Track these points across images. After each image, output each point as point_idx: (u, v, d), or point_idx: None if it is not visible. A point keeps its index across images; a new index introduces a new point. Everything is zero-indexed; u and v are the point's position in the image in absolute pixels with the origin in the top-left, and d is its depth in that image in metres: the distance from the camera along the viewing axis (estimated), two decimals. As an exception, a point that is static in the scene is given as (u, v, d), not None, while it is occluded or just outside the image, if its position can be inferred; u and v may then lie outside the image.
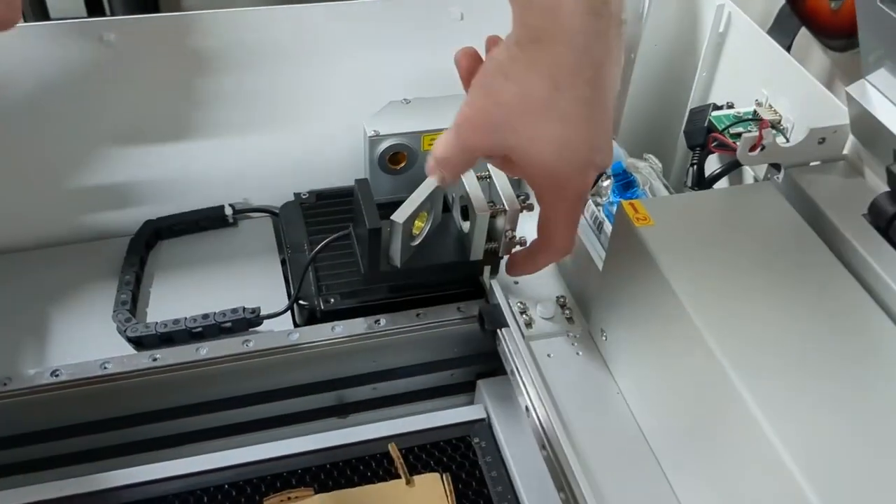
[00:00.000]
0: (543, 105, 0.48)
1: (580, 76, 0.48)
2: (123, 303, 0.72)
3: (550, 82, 0.48)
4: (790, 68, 0.69)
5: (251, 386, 0.68)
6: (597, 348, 0.65)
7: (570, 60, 0.47)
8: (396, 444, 0.65)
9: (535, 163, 0.51)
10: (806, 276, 0.53)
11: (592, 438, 0.58)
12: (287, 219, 0.79)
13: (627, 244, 0.57)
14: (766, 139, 0.59)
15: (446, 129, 0.55)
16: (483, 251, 0.67)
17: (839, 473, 0.42)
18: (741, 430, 0.46)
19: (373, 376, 0.70)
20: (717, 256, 0.54)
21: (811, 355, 0.48)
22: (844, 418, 0.45)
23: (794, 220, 0.57)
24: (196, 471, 0.62)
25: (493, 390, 0.69)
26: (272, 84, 0.79)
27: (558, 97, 0.48)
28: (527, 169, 0.53)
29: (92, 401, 0.63)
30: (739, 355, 0.47)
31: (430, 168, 0.55)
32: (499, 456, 0.65)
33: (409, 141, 0.74)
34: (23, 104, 0.73)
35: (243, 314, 0.70)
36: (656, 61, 0.85)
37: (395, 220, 0.63)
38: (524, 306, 0.67)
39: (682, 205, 0.59)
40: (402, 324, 0.68)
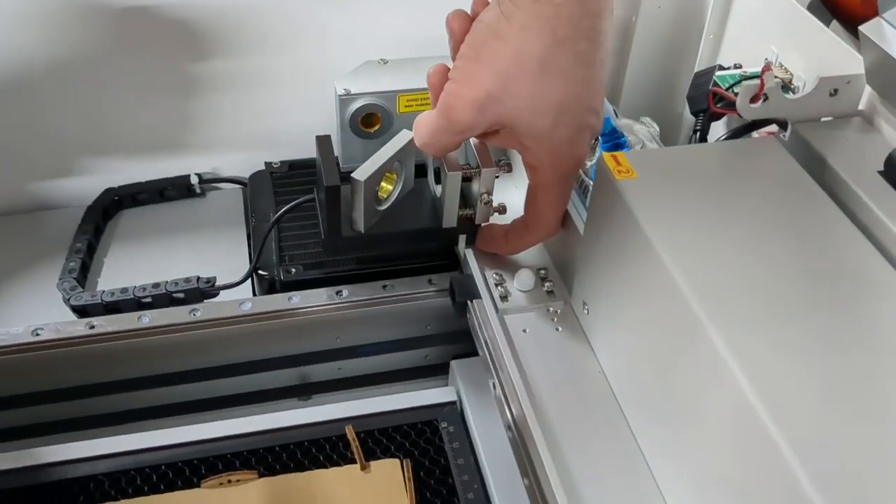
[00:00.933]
0: (542, 62, 0.46)
1: (579, 27, 0.46)
2: (70, 271, 0.67)
3: (550, 36, 0.45)
4: (803, 21, 0.63)
5: (201, 361, 0.62)
6: (579, 324, 0.58)
7: (570, 11, 0.45)
8: (357, 426, 0.59)
9: (533, 130, 0.49)
10: (807, 231, 0.46)
11: (565, 420, 0.51)
12: (255, 188, 0.74)
13: (607, 200, 0.50)
14: (768, 84, 0.52)
15: (429, 111, 0.51)
16: (457, 217, 0.61)
17: (809, 417, 0.37)
18: (723, 396, 0.39)
19: (336, 353, 0.64)
20: (705, 210, 0.47)
21: (803, 313, 0.41)
22: (831, 372, 0.38)
23: (798, 175, 0.50)
24: (129, 449, 0.56)
25: (467, 372, 0.62)
26: (243, 47, 0.74)
27: (558, 52, 0.46)
28: (523, 139, 0.50)
29: (22, 371, 0.58)
30: (720, 312, 0.41)
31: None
32: (468, 442, 0.59)
33: (383, 101, 0.68)
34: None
35: (197, 284, 0.64)
36: (659, 23, 0.78)
37: (356, 178, 0.57)
38: (500, 278, 0.61)
39: (670, 158, 0.53)
40: (366, 295, 0.62)
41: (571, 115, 0.48)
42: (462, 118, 0.49)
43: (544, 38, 0.45)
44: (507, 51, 0.46)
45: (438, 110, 0.50)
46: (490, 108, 0.48)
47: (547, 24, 0.45)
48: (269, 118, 0.78)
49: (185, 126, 0.77)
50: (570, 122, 0.48)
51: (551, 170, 0.52)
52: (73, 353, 0.58)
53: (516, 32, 0.46)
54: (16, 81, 0.71)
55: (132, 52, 0.72)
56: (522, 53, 0.46)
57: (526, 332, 0.58)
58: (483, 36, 0.47)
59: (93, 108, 0.74)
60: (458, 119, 0.49)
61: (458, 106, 0.49)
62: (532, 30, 0.45)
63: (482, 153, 0.59)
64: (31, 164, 0.75)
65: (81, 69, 0.72)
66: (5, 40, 0.68)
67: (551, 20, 0.45)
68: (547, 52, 0.45)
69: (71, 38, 0.70)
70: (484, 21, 0.48)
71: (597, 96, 0.49)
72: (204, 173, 0.78)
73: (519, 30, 0.45)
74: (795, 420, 0.36)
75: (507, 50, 0.46)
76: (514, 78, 0.47)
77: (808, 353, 0.39)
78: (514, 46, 0.46)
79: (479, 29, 0.48)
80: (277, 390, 0.65)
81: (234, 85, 0.76)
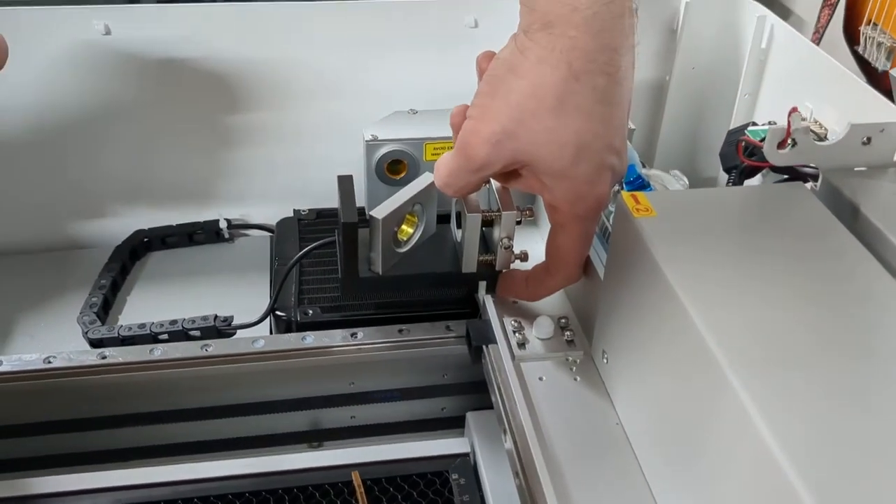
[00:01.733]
0: (558, 96, 0.45)
1: (596, 61, 0.45)
2: (92, 306, 0.67)
3: (566, 69, 0.44)
4: (836, 74, 0.62)
5: (211, 399, 0.61)
6: (598, 374, 0.56)
7: (586, 44, 0.44)
8: (364, 473, 0.57)
9: (551, 168, 0.47)
10: (837, 278, 0.44)
11: (577, 467, 0.48)
12: (282, 234, 0.74)
13: (625, 240, 0.49)
14: (794, 125, 0.50)
15: (448, 151, 0.51)
16: (476, 262, 0.60)
17: (836, 472, 0.33)
18: (747, 451, 0.36)
19: (350, 398, 0.63)
20: (729, 252, 0.45)
21: (834, 365, 0.38)
22: (861, 426, 0.35)
23: (827, 220, 0.48)
24: (129, 484, 0.55)
25: (484, 424, 0.60)
26: (278, 100, 0.76)
27: (574, 86, 0.45)
28: (542, 177, 0.48)
29: (32, 398, 0.58)
30: (744, 362, 0.38)
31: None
32: (479, 496, 0.56)
33: (409, 148, 0.68)
34: (25, 112, 0.72)
35: (214, 322, 0.64)
36: (693, 83, 0.78)
37: (374, 215, 0.57)
38: (519, 325, 0.59)
39: (692, 199, 0.51)
40: (381, 338, 0.61)
41: (591, 154, 0.47)
42: (478, 154, 0.48)
43: (560, 71, 0.44)
44: (523, 85, 0.45)
45: (456, 148, 0.50)
46: (506, 145, 0.47)
47: (562, 57, 0.44)
48: (301, 169, 0.79)
49: (217, 175, 0.79)
50: (589, 160, 0.47)
51: (571, 210, 0.50)
52: (84, 382, 0.57)
53: (532, 66, 0.45)
54: (58, 128, 0.73)
55: (169, 102, 0.74)
56: (538, 87, 0.45)
57: (542, 379, 0.55)
58: (499, 71, 0.47)
59: (130, 155, 0.76)
60: (474, 155, 0.48)
61: (473, 142, 0.48)
62: (547, 63, 0.45)
63: (504, 197, 0.58)
64: (67, 204, 0.77)
65: (120, 118, 0.74)
66: (50, 87, 0.71)
67: (566, 53, 0.44)
68: (563, 86, 0.45)
69: (111, 87, 0.72)
70: (501, 57, 0.47)
71: (618, 136, 0.48)
72: (233, 219, 0.79)
73: (534, 63, 0.45)
74: (822, 476, 0.33)
75: (523, 84, 0.45)
76: (530, 113, 0.46)
77: (838, 406, 0.36)
78: (529, 81, 0.45)
79: (496, 65, 0.47)
80: (288, 435, 0.63)
81: (267, 135, 0.77)
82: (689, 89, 0.78)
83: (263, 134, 0.77)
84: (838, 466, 0.33)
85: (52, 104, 0.72)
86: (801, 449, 0.34)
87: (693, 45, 0.76)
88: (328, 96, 0.76)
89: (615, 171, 0.49)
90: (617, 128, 0.47)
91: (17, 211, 0.76)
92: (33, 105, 0.72)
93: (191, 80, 0.73)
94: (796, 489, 0.32)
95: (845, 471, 0.33)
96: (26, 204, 0.76)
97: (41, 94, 0.71)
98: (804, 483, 0.32)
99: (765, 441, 0.34)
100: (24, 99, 0.71)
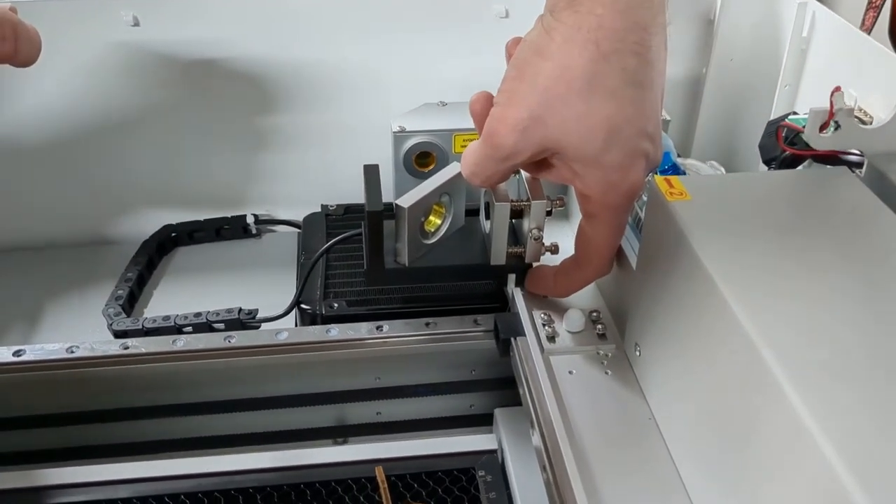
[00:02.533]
0: (587, 78, 0.43)
1: (625, 41, 0.42)
2: (118, 298, 0.67)
3: (594, 48, 0.42)
4: (880, 56, 0.59)
5: (234, 392, 0.60)
6: (631, 368, 0.53)
7: (614, 22, 0.42)
8: (389, 469, 0.55)
9: (581, 154, 0.45)
10: (892, 270, 0.41)
11: (608, 466, 0.46)
12: (309, 229, 0.73)
13: (659, 225, 0.47)
14: (837, 105, 0.48)
15: (475, 140, 0.49)
16: (505, 254, 0.58)
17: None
18: (797, 453, 0.34)
19: (375, 393, 0.61)
20: (769, 238, 0.43)
21: (890, 371, 0.36)
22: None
23: (875, 206, 0.45)
24: (149, 476, 0.54)
25: (512, 420, 0.58)
26: (309, 98, 0.75)
27: (604, 67, 0.43)
28: (572, 164, 0.46)
29: (54, 388, 0.57)
30: (791, 356, 0.35)
31: None
32: (506, 493, 0.54)
33: (438, 140, 0.67)
34: (56, 109, 0.72)
35: (238, 315, 0.63)
36: (731, 75, 0.75)
37: (400, 204, 0.56)
38: (549, 318, 0.57)
39: (729, 183, 0.49)
40: (408, 332, 0.59)
41: (623, 139, 0.45)
42: (505, 142, 0.46)
43: (588, 51, 0.42)
44: (550, 67, 0.43)
45: (482, 137, 0.48)
46: (534, 131, 0.45)
47: (590, 37, 0.42)
48: (330, 165, 0.78)
49: (246, 172, 0.78)
50: (621, 146, 0.45)
51: (603, 199, 0.48)
52: (106, 373, 0.56)
53: (559, 47, 0.43)
54: (87, 125, 0.73)
55: (198, 100, 0.74)
56: (566, 69, 0.43)
57: (572, 373, 0.53)
58: (526, 54, 0.45)
59: (159, 153, 0.76)
60: (502, 143, 0.46)
61: (500, 130, 0.46)
62: (575, 43, 0.43)
63: (533, 187, 0.57)
64: (97, 201, 0.77)
65: (149, 115, 0.74)
66: (80, 84, 0.71)
67: (594, 31, 0.42)
68: (592, 67, 0.43)
69: (140, 84, 0.72)
70: (527, 39, 0.45)
71: (651, 121, 0.45)
72: (261, 214, 0.78)
73: (561, 44, 0.43)
74: (880, 483, 0.30)
75: (550, 67, 0.43)
76: (558, 96, 0.44)
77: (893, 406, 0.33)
78: (556, 62, 0.43)
79: (522, 48, 0.46)
80: (312, 430, 0.62)
81: (297, 132, 0.77)
82: (727, 81, 0.75)
83: (292, 130, 0.77)
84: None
85: (82, 101, 0.72)
86: (856, 453, 0.31)
87: (731, 36, 0.74)
88: (357, 91, 0.75)
89: (649, 158, 0.46)
90: (650, 112, 0.45)
91: (49, 207, 0.77)
92: (64, 101, 0.72)
93: (220, 78, 0.73)
94: (852, 496, 0.30)
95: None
96: (57, 200, 0.76)
97: (71, 90, 0.71)
98: (861, 490, 0.30)
99: (817, 444, 0.31)
100: (55, 95, 0.71)
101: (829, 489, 0.31)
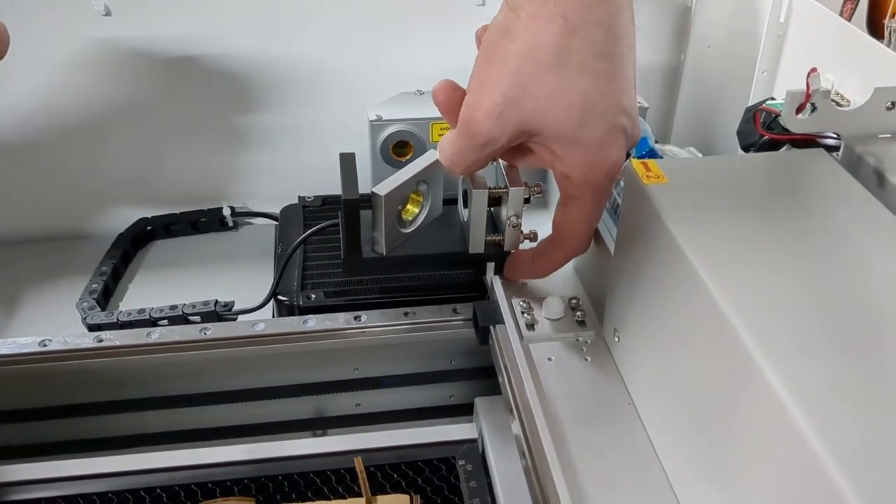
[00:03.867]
0: (556, 52, 0.42)
1: (592, 13, 0.42)
2: (92, 292, 0.66)
3: (562, 22, 0.42)
4: (857, 41, 0.59)
5: (210, 384, 0.59)
6: (610, 354, 0.53)
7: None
8: (368, 460, 0.54)
9: (559, 133, 0.44)
10: (866, 247, 0.41)
11: (587, 451, 0.46)
12: (286, 221, 0.72)
13: (636, 209, 0.46)
14: (813, 86, 0.48)
15: (451, 130, 0.48)
16: (483, 242, 0.58)
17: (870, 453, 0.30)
18: (774, 432, 0.34)
19: (354, 385, 0.61)
20: (746, 219, 0.43)
21: (866, 339, 0.36)
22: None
23: (852, 187, 0.45)
24: (125, 470, 0.53)
25: (492, 409, 0.58)
26: (285, 92, 0.74)
27: (573, 41, 0.42)
28: (551, 144, 0.45)
29: (27, 382, 0.56)
30: (768, 334, 0.35)
31: None
32: (486, 482, 0.54)
33: (415, 128, 0.67)
34: (28, 103, 0.71)
35: (214, 307, 0.62)
36: (709, 63, 0.75)
37: (376, 192, 0.55)
38: (528, 306, 0.57)
39: (706, 166, 0.49)
40: (386, 322, 0.59)
41: (599, 114, 0.44)
42: (482, 128, 0.45)
43: (555, 25, 0.42)
44: (519, 46, 0.43)
45: (459, 125, 0.47)
46: (510, 114, 0.44)
47: (556, 10, 0.42)
48: (307, 158, 0.78)
49: (223, 166, 0.78)
50: (598, 122, 0.44)
51: (584, 179, 0.47)
52: (79, 366, 0.56)
53: (525, 24, 0.43)
54: (69, 121, 0.72)
55: (173, 92, 0.73)
56: (534, 47, 0.42)
57: (551, 360, 0.53)
58: (494, 37, 0.44)
59: (135, 146, 0.75)
60: (479, 130, 0.45)
61: (476, 116, 0.45)
62: (541, 19, 0.42)
63: (511, 174, 0.56)
64: (70, 195, 0.76)
65: (124, 108, 0.73)
66: (63, 81, 0.70)
67: (560, 5, 0.42)
68: (560, 42, 0.42)
69: (112, 76, 0.71)
70: (494, 22, 0.45)
71: (626, 96, 0.45)
72: (237, 207, 0.77)
73: (528, 21, 0.42)
74: (859, 460, 0.30)
75: (518, 45, 0.43)
76: (529, 75, 0.43)
77: (866, 378, 0.33)
78: (524, 40, 0.43)
79: (490, 31, 0.45)
80: (291, 423, 0.61)
81: (273, 124, 0.76)
82: (705, 68, 0.75)
83: (269, 122, 0.76)
84: (872, 446, 0.31)
85: (56, 95, 0.71)
86: (833, 429, 0.31)
87: (708, 23, 0.74)
88: (334, 83, 0.75)
89: (627, 135, 0.46)
90: (624, 86, 0.44)
91: (23, 202, 0.75)
92: (38, 96, 0.71)
93: (195, 71, 0.72)
94: (831, 475, 0.29)
95: (879, 448, 0.31)
96: (32, 194, 0.75)
97: (45, 84, 0.70)
98: (840, 468, 0.29)
99: (794, 422, 0.31)
100: (29, 90, 0.70)
101: (807, 467, 0.31)
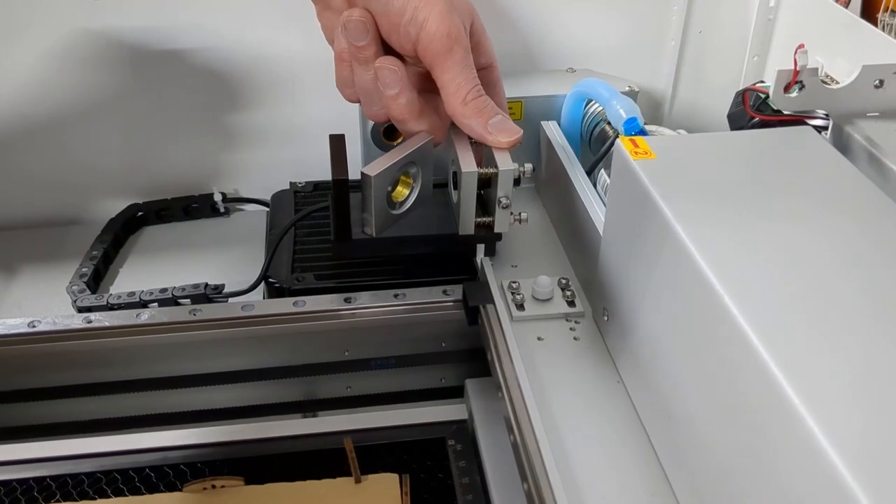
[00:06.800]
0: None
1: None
2: (82, 276, 0.66)
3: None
4: (846, 21, 0.59)
5: (200, 366, 0.59)
6: (599, 333, 0.53)
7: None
8: (358, 441, 0.54)
9: (436, 31, 0.50)
10: (853, 219, 0.41)
11: (576, 428, 0.46)
12: (278, 206, 0.72)
13: (624, 186, 0.46)
14: (801, 63, 0.48)
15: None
16: (473, 224, 0.58)
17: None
18: (765, 406, 0.33)
19: (345, 367, 0.61)
20: (734, 194, 0.43)
21: (853, 310, 0.35)
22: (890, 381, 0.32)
23: (838, 163, 0.46)
24: (114, 450, 0.53)
25: (482, 390, 0.58)
26: (274, 84, 0.74)
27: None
28: (424, 41, 0.51)
29: (16, 364, 0.56)
30: (757, 309, 0.35)
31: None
32: (476, 462, 0.54)
33: (406, 112, 0.66)
34: (18, 90, 0.71)
35: (205, 290, 0.62)
36: (701, 48, 0.75)
37: (366, 172, 0.55)
38: (517, 286, 0.57)
39: (694, 143, 0.49)
40: (376, 303, 0.58)
41: (460, 9, 0.52)
42: (460, 31, 0.50)
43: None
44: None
45: (451, 59, 0.51)
46: (454, 12, 0.51)
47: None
48: (299, 145, 0.77)
49: (215, 152, 0.77)
50: (461, 13, 0.52)
51: (450, 63, 0.52)
52: (69, 347, 0.55)
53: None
54: (61, 107, 0.72)
55: (164, 79, 0.73)
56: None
57: (541, 339, 0.53)
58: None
59: (130, 135, 0.75)
60: (459, 33, 0.50)
61: (452, 31, 0.50)
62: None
63: (501, 155, 0.56)
64: (62, 181, 0.76)
65: (116, 95, 0.72)
66: (53, 69, 0.70)
67: None
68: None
69: (111, 67, 0.71)
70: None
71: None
72: (229, 193, 0.77)
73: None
74: (851, 434, 0.30)
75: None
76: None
77: (854, 344, 0.33)
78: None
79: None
80: (282, 405, 0.61)
81: (264, 110, 0.76)
82: (696, 54, 0.75)
83: (261, 109, 0.76)
84: (863, 417, 0.31)
85: (47, 82, 0.71)
86: (826, 402, 0.31)
87: (699, 8, 0.74)
88: (324, 69, 0.74)
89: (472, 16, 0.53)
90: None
91: (15, 188, 0.75)
92: (29, 83, 0.71)
93: (187, 57, 0.72)
94: (824, 447, 0.29)
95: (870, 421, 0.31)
96: (24, 181, 0.75)
97: (35, 72, 0.70)
98: (829, 440, 0.29)
99: (787, 396, 0.31)
100: (18, 77, 0.70)
101: (802, 443, 0.31)
